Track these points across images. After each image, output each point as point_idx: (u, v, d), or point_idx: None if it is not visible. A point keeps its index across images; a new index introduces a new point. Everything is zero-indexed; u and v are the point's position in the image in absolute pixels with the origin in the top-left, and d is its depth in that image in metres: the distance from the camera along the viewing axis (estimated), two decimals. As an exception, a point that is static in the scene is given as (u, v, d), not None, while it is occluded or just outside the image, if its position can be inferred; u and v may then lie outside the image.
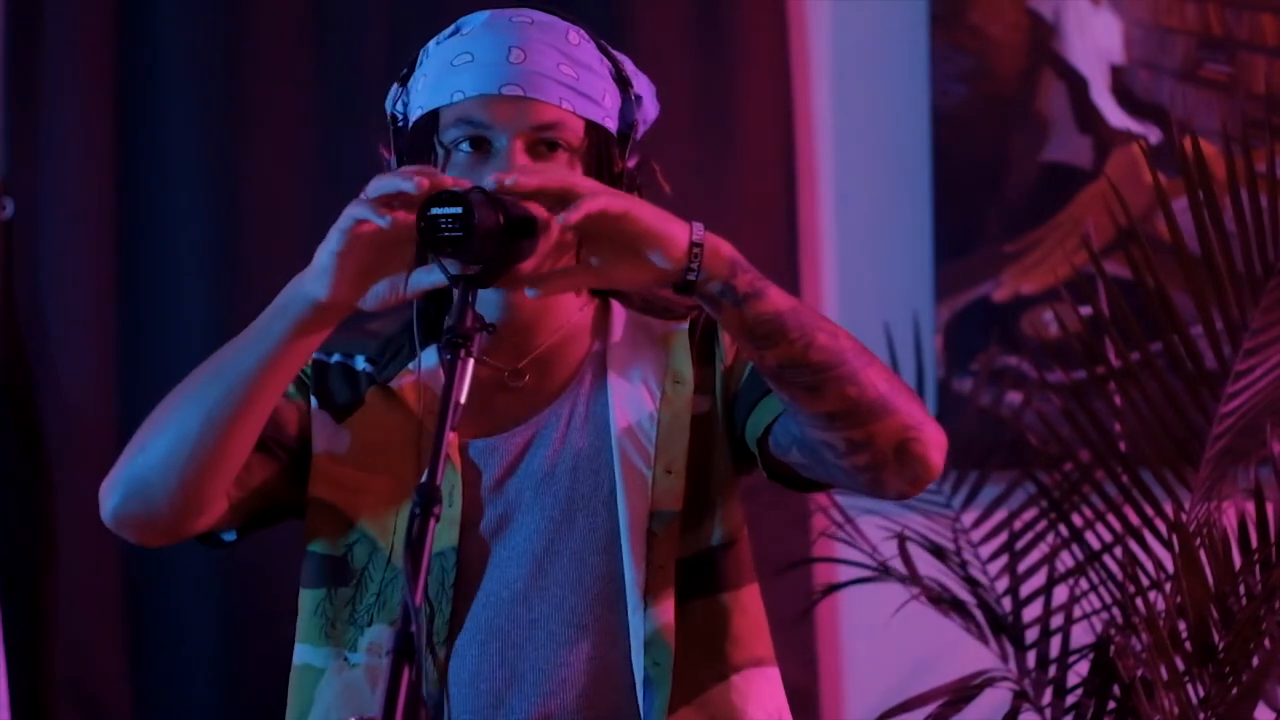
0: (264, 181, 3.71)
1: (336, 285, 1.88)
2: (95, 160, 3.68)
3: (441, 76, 2.02)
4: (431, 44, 2.06)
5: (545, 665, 1.99)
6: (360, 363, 2.10)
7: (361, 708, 2.01)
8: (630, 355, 2.07)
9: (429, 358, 2.06)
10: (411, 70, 2.06)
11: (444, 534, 2.01)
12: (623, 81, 2.07)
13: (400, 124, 2.06)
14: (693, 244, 1.85)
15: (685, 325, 2.09)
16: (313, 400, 2.09)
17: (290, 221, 3.70)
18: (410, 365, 2.07)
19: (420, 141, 2.03)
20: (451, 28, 2.06)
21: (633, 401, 2.04)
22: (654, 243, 1.84)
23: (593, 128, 2.02)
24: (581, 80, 2.01)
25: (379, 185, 1.84)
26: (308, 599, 2.08)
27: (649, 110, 2.12)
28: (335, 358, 2.10)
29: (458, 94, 2.00)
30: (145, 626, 3.70)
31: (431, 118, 2.02)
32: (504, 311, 2.05)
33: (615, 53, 2.09)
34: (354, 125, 3.72)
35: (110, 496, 2.03)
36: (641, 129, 2.10)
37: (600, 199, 1.82)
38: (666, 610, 1.99)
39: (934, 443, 1.91)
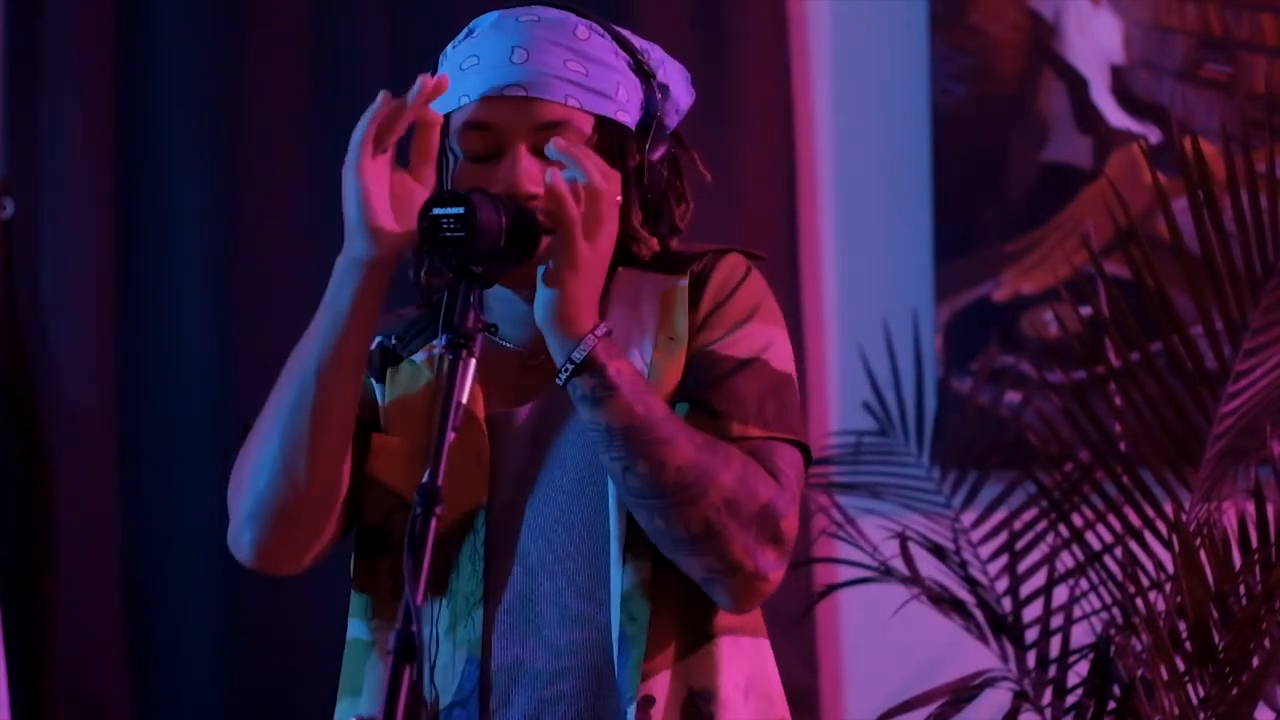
0: (264, 181, 3.71)
1: (377, 232, 1.92)
2: (95, 160, 3.68)
3: (452, 81, 2.02)
4: (450, 47, 2.07)
5: (557, 640, 1.99)
6: (391, 341, 2.12)
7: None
8: (626, 314, 2.06)
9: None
10: (434, 73, 2.07)
11: (476, 491, 2.01)
12: (643, 73, 2.06)
13: None
14: (570, 359, 1.91)
15: (685, 281, 2.07)
16: (372, 381, 2.10)
17: (290, 221, 3.71)
18: (434, 340, 2.07)
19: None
20: (465, 30, 2.06)
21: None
22: (562, 307, 1.91)
23: (603, 123, 2.02)
24: (591, 75, 2.01)
25: (360, 123, 1.93)
26: (355, 574, 2.08)
27: (679, 99, 2.11)
28: (376, 341, 2.11)
29: (464, 98, 2.01)
30: (145, 627, 3.70)
31: (444, 123, 2.03)
32: (524, 296, 2.05)
33: (639, 41, 2.08)
34: (354, 125, 3.72)
35: (244, 534, 2.02)
36: (673, 119, 2.10)
37: (576, 227, 1.90)
38: (645, 567, 1.98)
39: (741, 591, 1.96)
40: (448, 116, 2.03)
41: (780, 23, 3.75)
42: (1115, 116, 3.71)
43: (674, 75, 2.10)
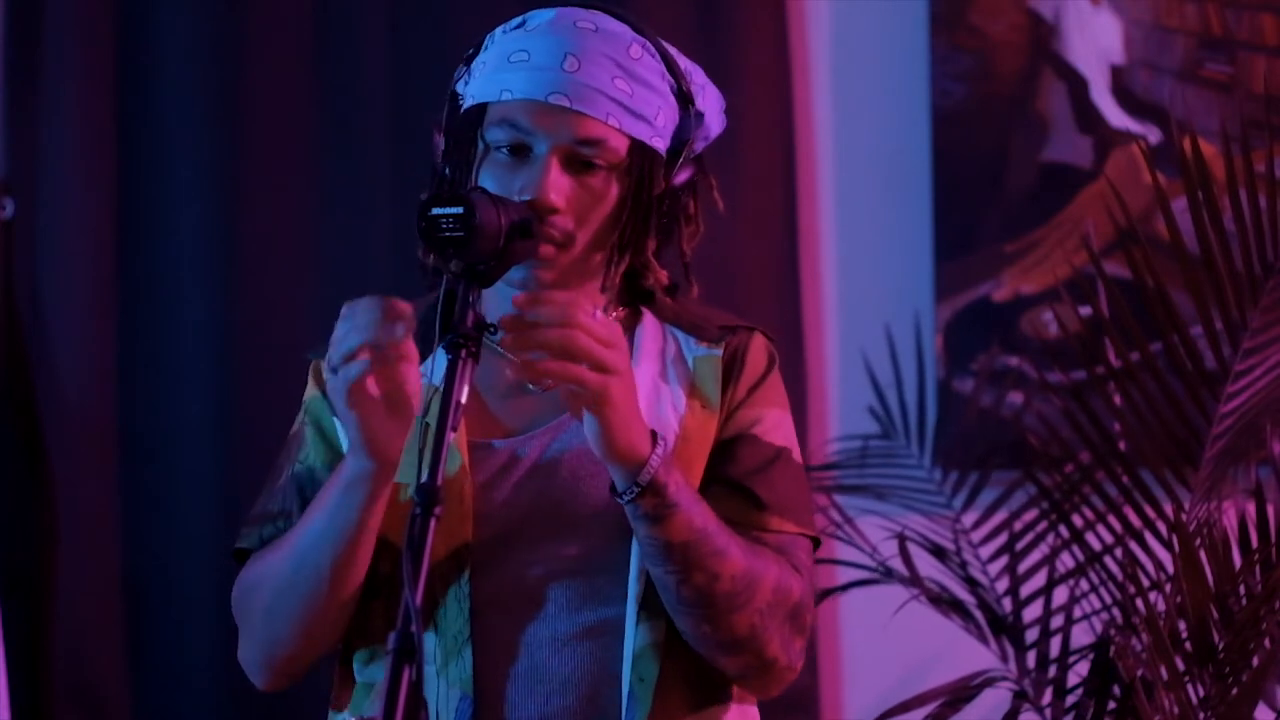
0: (264, 181, 3.71)
1: (380, 449, 1.90)
2: (95, 160, 3.68)
3: (497, 70, 2.01)
4: (499, 30, 2.05)
5: (549, 668, 1.99)
6: None
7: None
8: (657, 367, 2.07)
9: (441, 360, 2.03)
10: (477, 51, 2.06)
11: (458, 531, 2.01)
12: (684, 98, 2.06)
13: (458, 104, 2.05)
14: (635, 483, 1.91)
15: (720, 351, 2.09)
16: (340, 434, 2.07)
17: (290, 221, 3.70)
18: (421, 367, 2.05)
19: (466, 132, 2.02)
20: (519, 19, 2.04)
21: (654, 414, 2.03)
22: (613, 443, 1.90)
23: (638, 147, 2.01)
24: (635, 97, 2.00)
25: (335, 350, 1.87)
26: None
27: (711, 127, 2.11)
28: None
29: (506, 93, 1.99)
30: (145, 626, 3.70)
31: (480, 110, 2.02)
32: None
33: (685, 64, 2.08)
34: (354, 124, 3.72)
35: (259, 674, 2.11)
36: (700, 144, 2.09)
37: (590, 382, 1.85)
38: (659, 628, 2.00)
39: (773, 683, 2.05)
40: (485, 104, 2.01)
41: (780, 23, 3.75)
42: (1115, 116, 3.71)
43: (711, 103, 2.10)
